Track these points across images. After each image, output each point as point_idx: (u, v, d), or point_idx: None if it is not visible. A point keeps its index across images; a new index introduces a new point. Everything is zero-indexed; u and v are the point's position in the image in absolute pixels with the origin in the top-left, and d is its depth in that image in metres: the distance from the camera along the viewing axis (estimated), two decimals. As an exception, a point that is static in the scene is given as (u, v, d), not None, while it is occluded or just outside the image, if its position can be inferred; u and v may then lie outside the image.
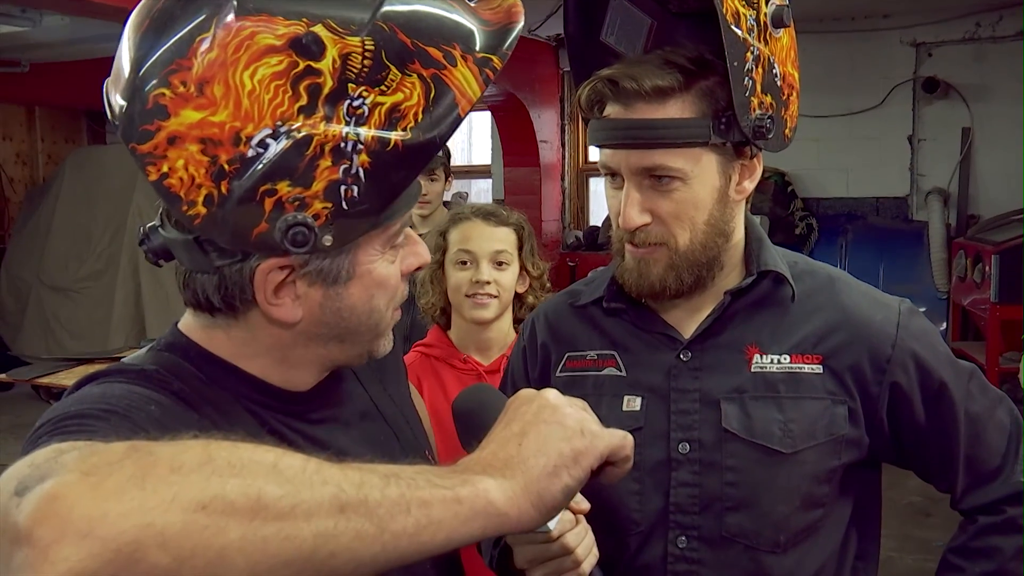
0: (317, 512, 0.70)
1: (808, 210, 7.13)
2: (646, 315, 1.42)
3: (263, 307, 0.93)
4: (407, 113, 0.87)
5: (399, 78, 0.86)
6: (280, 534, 0.68)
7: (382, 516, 0.72)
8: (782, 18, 1.31)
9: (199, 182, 0.84)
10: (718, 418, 1.35)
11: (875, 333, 1.36)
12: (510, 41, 0.92)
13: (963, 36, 6.69)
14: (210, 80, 0.83)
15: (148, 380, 0.93)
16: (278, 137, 0.83)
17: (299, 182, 0.85)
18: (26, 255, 8.56)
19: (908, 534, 4.67)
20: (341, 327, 0.97)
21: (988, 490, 1.39)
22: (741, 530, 1.33)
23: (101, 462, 0.67)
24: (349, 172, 0.86)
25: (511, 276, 2.26)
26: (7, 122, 9.25)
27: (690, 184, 1.29)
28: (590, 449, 0.85)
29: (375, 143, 0.86)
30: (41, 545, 0.63)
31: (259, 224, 0.85)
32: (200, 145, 0.83)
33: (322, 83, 0.84)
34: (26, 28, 5.85)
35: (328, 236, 0.87)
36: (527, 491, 0.79)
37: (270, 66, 0.83)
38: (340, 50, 0.84)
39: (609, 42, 1.41)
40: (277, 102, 0.83)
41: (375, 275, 0.96)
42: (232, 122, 0.83)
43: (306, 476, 0.71)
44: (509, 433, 0.84)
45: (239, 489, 0.68)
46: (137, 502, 0.65)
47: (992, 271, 5.61)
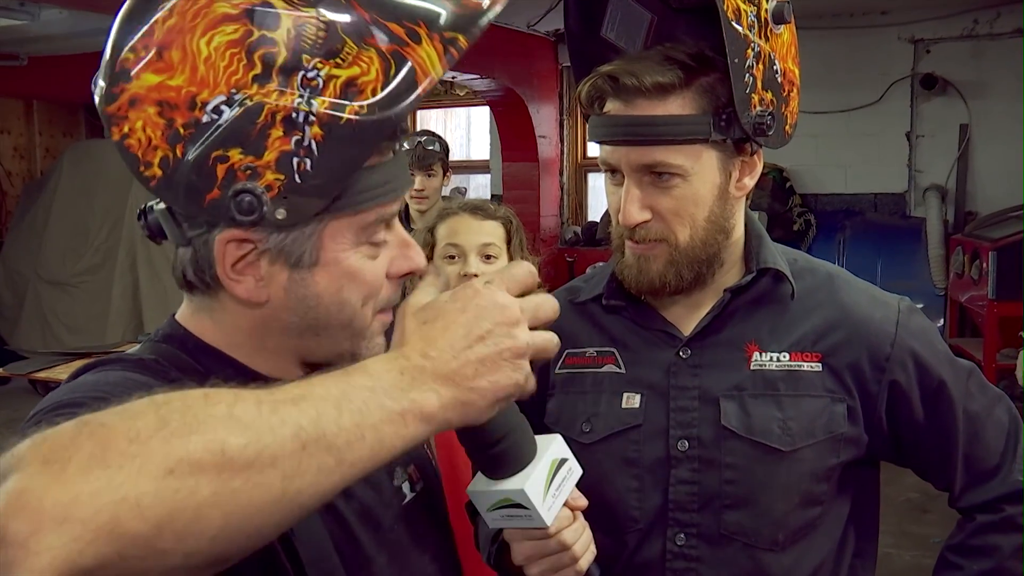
0: (280, 454, 0.71)
1: (806, 206, 7.14)
2: (645, 312, 1.42)
3: (224, 281, 0.93)
4: (364, 88, 0.86)
5: (356, 51, 0.86)
6: (249, 482, 0.69)
7: (340, 447, 0.74)
8: (783, 14, 1.31)
9: (155, 144, 0.85)
10: (717, 416, 1.35)
11: (874, 331, 1.36)
12: (481, 23, 0.90)
13: (961, 33, 6.69)
14: (168, 45, 0.84)
15: (145, 369, 0.94)
16: (232, 104, 0.84)
17: (250, 150, 0.85)
18: (24, 249, 8.55)
19: (906, 530, 4.68)
20: (310, 316, 0.96)
21: (987, 488, 1.39)
22: (740, 528, 1.33)
23: (56, 446, 0.67)
24: (301, 144, 0.85)
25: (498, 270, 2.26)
26: (5, 116, 9.24)
27: (690, 181, 1.29)
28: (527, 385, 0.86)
29: (328, 116, 0.85)
30: (19, 540, 0.63)
31: (212, 190, 0.86)
32: (157, 108, 0.84)
33: (276, 53, 0.84)
34: (24, 21, 5.85)
35: (281, 209, 0.87)
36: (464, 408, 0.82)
37: (226, 34, 0.84)
38: (295, 21, 0.85)
39: (609, 37, 1.40)
40: (232, 69, 0.84)
41: (343, 266, 0.95)
42: (188, 87, 0.84)
43: (263, 419, 0.72)
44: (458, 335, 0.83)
45: (201, 445, 0.68)
46: (104, 479, 0.65)
47: (990, 267, 5.62)
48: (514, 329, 0.85)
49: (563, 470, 1.00)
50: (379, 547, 1.05)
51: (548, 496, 0.98)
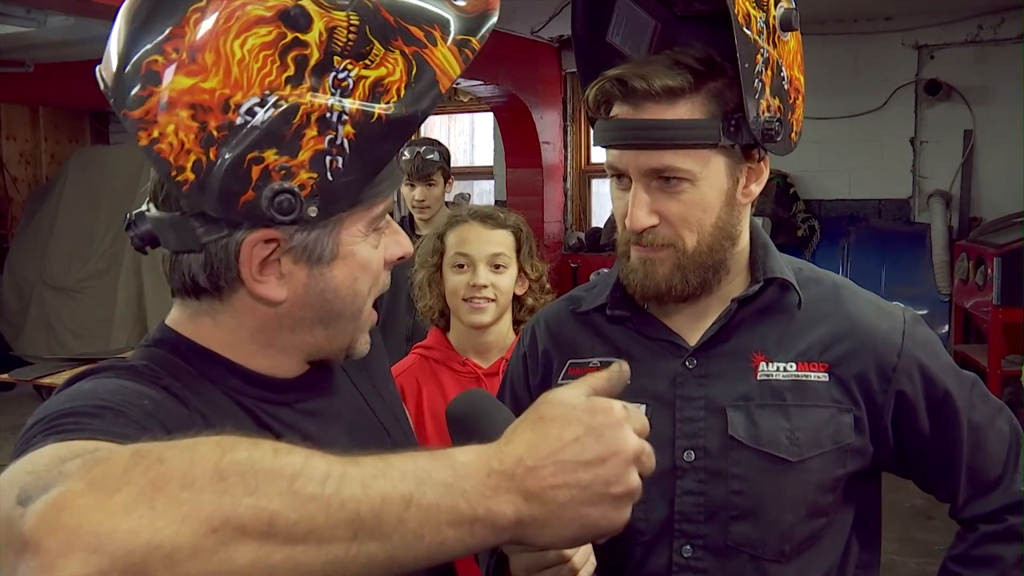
0: (330, 538, 0.68)
1: (810, 212, 7.13)
2: (650, 322, 1.41)
3: (248, 283, 0.94)
4: (390, 88, 0.89)
5: (382, 53, 0.89)
6: (290, 561, 0.67)
7: (396, 544, 0.70)
8: (791, 21, 1.31)
9: (188, 147, 0.85)
10: (724, 426, 1.34)
11: (881, 342, 1.35)
12: (488, 26, 0.95)
13: (965, 38, 6.68)
14: (202, 48, 0.84)
15: (138, 375, 0.93)
16: (266, 106, 0.85)
17: (286, 151, 0.86)
18: (29, 254, 8.57)
19: (910, 537, 4.67)
20: (325, 309, 0.98)
21: (989, 499, 1.39)
22: (747, 539, 1.32)
23: (107, 472, 0.66)
24: (334, 143, 0.88)
25: (509, 279, 2.24)
26: (11, 122, 9.26)
27: (698, 186, 1.28)
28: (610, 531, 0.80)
29: (359, 115, 0.88)
30: (49, 557, 0.62)
31: (246, 192, 0.87)
32: (190, 111, 0.85)
33: (309, 55, 0.86)
34: (31, 28, 5.86)
35: (313, 207, 0.88)
36: (540, 535, 0.76)
37: (259, 36, 0.85)
38: (326, 23, 0.87)
39: (615, 43, 1.40)
40: (265, 71, 0.85)
41: (358, 257, 0.98)
42: (222, 89, 0.85)
43: (324, 497, 0.69)
44: (573, 471, 0.76)
45: (252, 512, 0.66)
46: (147, 520, 0.64)
47: (994, 274, 5.60)
48: (629, 468, 0.79)
49: None
50: None
51: None
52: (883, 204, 7.09)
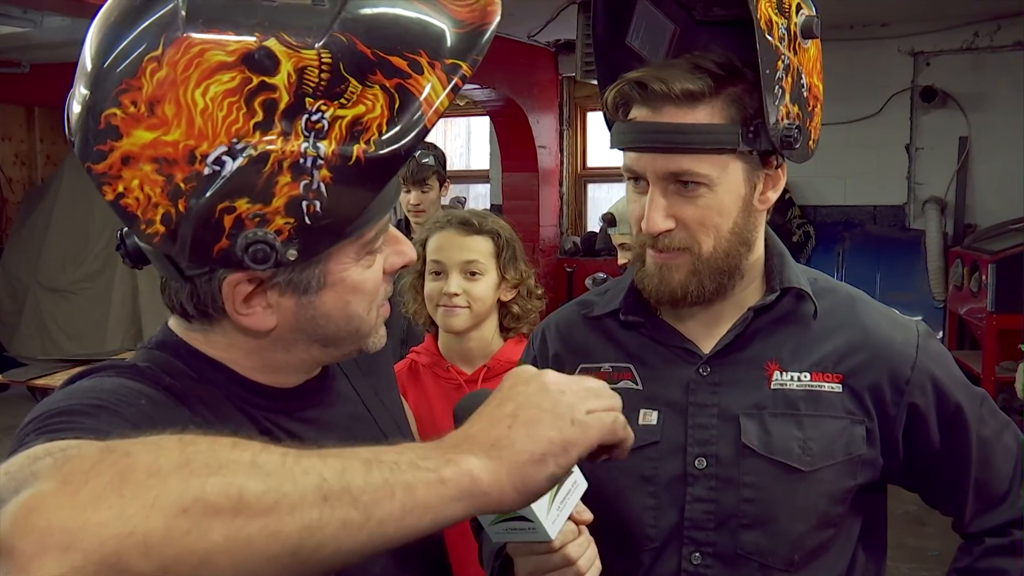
0: (300, 504, 0.69)
1: (805, 217, 7.14)
2: (664, 328, 1.40)
3: (233, 317, 0.92)
4: (370, 125, 0.85)
5: (360, 90, 0.84)
6: (264, 531, 0.67)
7: (367, 503, 0.71)
8: (811, 29, 1.30)
9: (155, 201, 0.83)
10: (736, 434, 1.33)
11: (896, 354, 1.35)
12: (481, 44, 0.89)
13: (961, 45, 6.70)
14: (160, 99, 0.81)
15: (140, 375, 0.93)
16: (235, 155, 0.82)
17: (258, 199, 0.83)
18: (24, 255, 8.55)
19: (903, 543, 4.67)
20: (319, 333, 0.96)
21: (996, 514, 1.39)
22: (757, 548, 1.32)
23: (76, 468, 0.66)
24: (310, 188, 0.84)
25: (485, 286, 2.21)
26: (6, 122, 9.24)
27: (716, 191, 1.27)
28: (581, 439, 0.84)
29: (336, 158, 0.84)
30: (22, 560, 0.62)
31: (220, 240, 0.84)
32: (154, 164, 0.81)
33: (277, 98, 0.82)
34: (27, 29, 5.85)
35: (292, 250, 0.85)
36: (511, 475, 0.79)
37: (222, 83, 0.81)
38: (295, 64, 0.82)
39: (634, 45, 1.39)
40: (231, 119, 0.81)
41: (348, 282, 0.95)
42: (186, 140, 0.81)
43: (286, 469, 0.70)
44: (501, 413, 0.83)
45: (219, 488, 0.66)
46: (116, 510, 0.63)
47: (989, 280, 5.61)
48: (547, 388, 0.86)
49: (568, 483, 0.99)
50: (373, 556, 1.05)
51: (552, 509, 0.97)
52: (878, 210, 7.10)
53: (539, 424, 0.82)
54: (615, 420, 0.88)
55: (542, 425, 0.82)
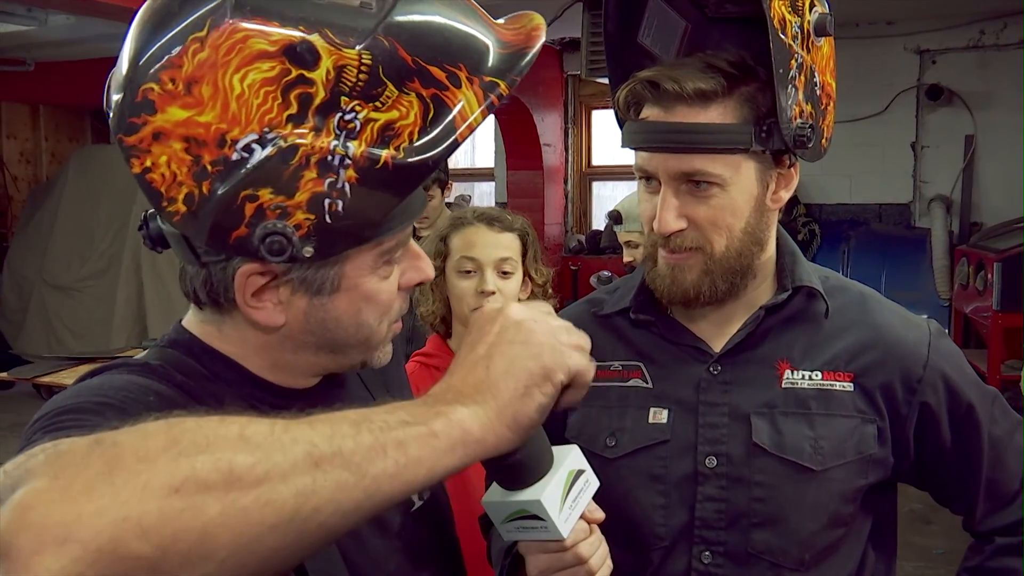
0: (292, 471, 0.69)
1: (811, 216, 7.13)
2: (674, 327, 1.40)
3: (243, 309, 0.92)
4: (402, 132, 0.84)
5: (396, 95, 0.84)
6: (259, 500, 0.67)
7: (359, 463, 0.71)
8: (825, 26, 1.29)
9: (180, 180, 0.83)
10: (747, 433, 1.32)
11: (908, 353, 1.35)
12: (522, 66, 0.89)
13: (967, 44, 6.69)
14: (199, 80, 0.81)
15: (151, 372, 0.93)
16: (264, 144, 0.82)
17: (282, 191, 0.83)
18: (29, 253, 8.57)
19: (908, 541, 4.67)
20: (327, 338, 0.96)
21: (1006, 513, 1.38)
22: (767, 547, 1.31)
23: (67, 463, 0.66)
24: (335, 186, 0.84)
25: (515, 285, 2.16)
26: (12, 120, 9.26)
27: (728, 191, 1.26)
28: (559, 364, 0.84)
29: (364, 160, 0.84)
30: (22, 558, 0.62)
31: (238, 228, 0.84)
32: (184, 143, 0.82)
33: (314, 93, 0.82)
34: (32, 27, 5.86)
35: (309, 247, 0.85)
36: (501, 415, 0.79)
37: (261, 71, 0.81)
38: (335, 62, 0.82)
39: (645, 43, 1.38)
40: (266, 108, 0.82)
41: (363, 290, 0.94)
42: (218, 124, 0.82)
43: (275, 438, 0.70)
44: (475, 356, 0.83)
45: (209, 464, 0.66)
46: (108, 498, 0.64)
47: (994, 279, 5.60)
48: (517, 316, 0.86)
49: (580, 482, 0.99)
50: (387, 554, 1.05)
51: (565, 508, 0.97)
52: (884, 208, 7.09)
53: (516, 359, 0.82)
54: (589, 362, 0.88)
55: (519, 359, 0.82)
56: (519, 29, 0.92)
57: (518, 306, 0.88)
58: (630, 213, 3.46)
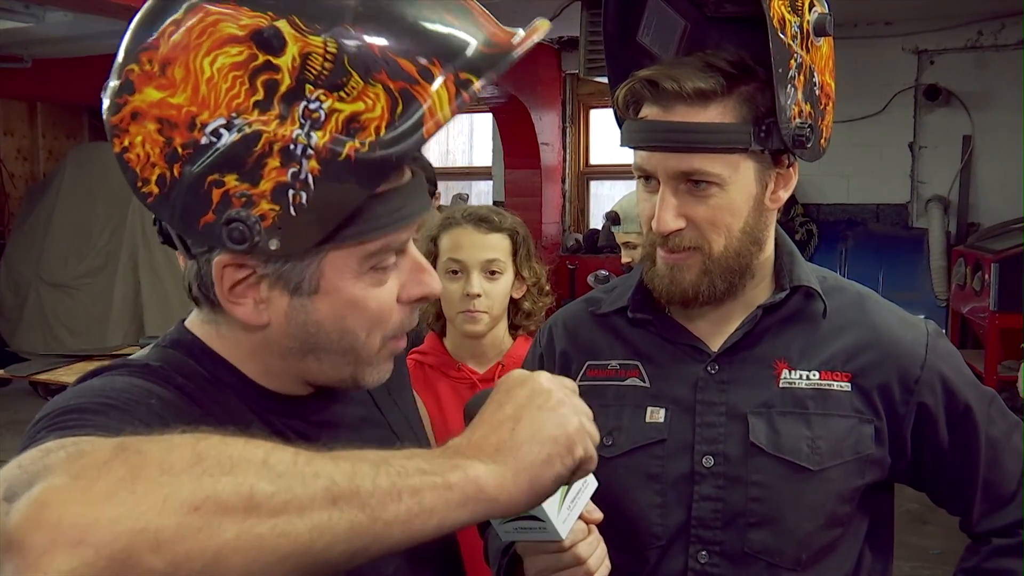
0: (310, 506, 0.69)
1: (808, 216, 7.14)
2: (672, 326, 1.40)
3: (223, 303, 0.91)
4: (367, 125, 0.83)
5: (361, 86, 0.82)
6: (275, 530, 0.67)
7: (374, 506, 0.71)
8: (824, 26, 1.29)
9: (153, 161, 0.83)
10: (744, 432, 1.32)
11: (905, 353, 1.35)
12: (500, 66, 0.87)
13: (965, 44, 6.69)
14: (172, 62, 0.82)
15: (152, 374, 0.93)
16: (231, 129, 0.82)
17: (246, 178, 0.83)
18: (26, 251, 8.55)
19: (905, 541, 4.66)
20: (310, 342, 0.94)
21: (1004, 514, 1.38)
22: (764, 547, 1.31)
23: (89, 464, 0.66)
24: (298, 177, 0.82)
25: (503, 285, 2.15)
26: (9, 117, 9.24)
27: (727, 190, 1.26)
28: (582, 440, 0.84)
29: (326, 151, 0.82)
30: (33, 555, 0.62)
31: (206, 213, 0.84)
32: (158, 124, 0.83)
33: (279, 80, 0.82)
34: (30, 24, 5.85)
35: (275, 240, 0.84)
36: (517, 477, 0.79)
37: (230, 56, 0.82)
38: (301, 48, 0.82)
39: (644, 43, 1.38)
40: (234, 93, 0.82)
41: (345, 294, 0.92)
42: (189, 106, 0.82)
43: (297, 470, 0.70)
44: (502, 416, 0.83)
45: (231, 488, 0.66)
46: (128, 506, 0.63)
47: (991, 279, 5.61)
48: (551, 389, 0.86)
49: (578, 482, 0.99)
50: (386, 556, 1.05)
51: (563, 508, 0.97)
52: (881, 209, 7.10)
53: (543, 426, 0.82)
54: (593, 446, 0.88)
55: (546, 426, 0.82)
56: (512, 31, 0.91)
57: (548, 376, 0.88)
58: (628, 214, 3.45)
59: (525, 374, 0.88)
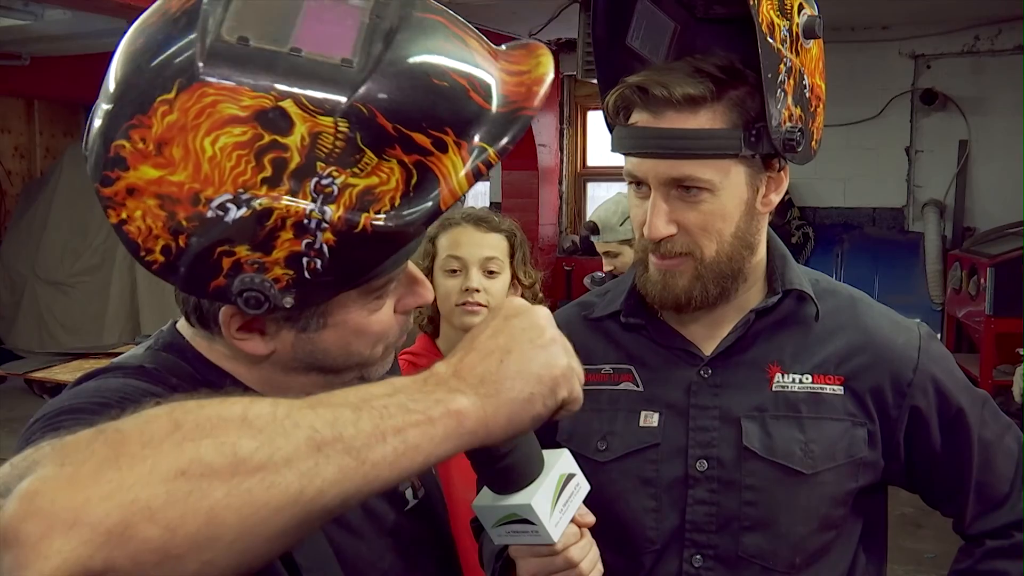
0: (295, 456, 0.69)
1: (805, 219, 7.15)
2: (665, 330, 1.40)
3: (229, 341, 0.92)
4: (382, 197, 0.82)
5: (375, 162, 0.81)
6: (263, 483, 0.68)
7: (359, 448, 0.71)
8: (814, 29, 1.29)
9: (156, 233, 0.82)
10: (738, 436, 1.33)
11: (897, 356, 1.35)
12: (515, 131, 0.86)
13: (962, 49, 6.71)
14: (169, 142, 0.80)
15: (147, 376, 0.93)
16: (239, 204, 0.80)
17: (259, 248, 0.82)
18: (22, 248, 8.55)
19: (899, 545, 4.68)
20: (317, 364, 0.95)
21: (997, 516, 1.38)
22: (759, 550, 1.31)
23: (72, 450, 0.67)
24: (312, 246, 0.82)
25: (502, 285, 2.16)
26: (6, 115, 9.23)
27: (718, 195, 1.26)
28: (567, 382, 0.84)
29: (342, 223, 0.81)
30: (30, 542, 0.62)
31: (217, 278, 0.83)
32: (158, 200, 0.81)
33: (288, 158, 0.80)
34: (28, 22, 5.85)
35: (289, 298, 0.84)
36: (498, 412, 0.79)
37: (233, 135, 0.80)
38: (309, 128, 0.80)
39: (634, 46, 1.37)
40: (239, 170, 0.80)
41: (351, 325, 0.93)
42: (191, 183, 0.80)
43: (277, 422, 0.70)
44: (493, 345, 0.81)
45: (213, 449, 0.67)
46: (115, 482, 0.64)
47: (987, 283, 5.62)
48: (542, 322, 0.85)
49: (570, 486, 0.99)
50: (382, 553, 1.05)
51: (555, 512, 0.97)
52: (877, 212, 7.11)
53: (531, 362, 0.81)
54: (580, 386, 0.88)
55: (534, 363, 0.81)
56: (523, 78, 0.89)
57: (546, 312, 0.87)
58: (607, 223, 3.43)
59: (524, 305, 0.87)
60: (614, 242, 3.43)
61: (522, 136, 0.87)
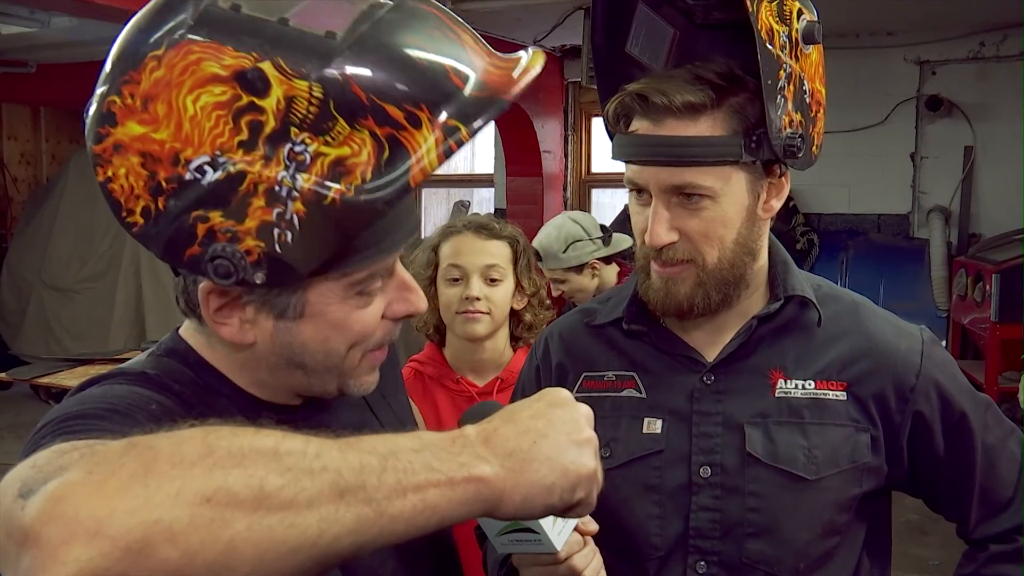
0: (318, 499, 0.70)
1: (809, 225, 7.13)
2: (667, 337, 1.40)
3: (209, 324, 0.93)
4: (353, 169, 0.83)
5: (347, 131, 0.82)
6: (284, 522, 0.68)
7: (380, 501, 0.72)
8: (813, 34, 1.29)
9: (138, 193, 0.84)
10: (741, 442, 1.33)
11: (900, 362, 1.35)
12: (488, 114, 0.86)
13: (967, 55, 6.70)
14: (154, 98, 0.82)
15: (149, 382, 0.94)
16: (216, 167, 0.82)
17: (232, 215, 0.83)
18: (28, 255, 8.57)
19: (905, 552, 4.66)
20: (296, 360, 0.96)
21: (1000, 520, 1.39)
22: (763, 556, 1.32)
23: (102, 460, 0.67)
24: (283, 217, 0.83)
25: (504, 292, 2.16)
26: (12, 122, 9.26)
27: (719, 202, 1.27)
28: (588, 484, 0.85)
29: (311, 194, 0.82)
30: (50, 546, 0.63)
31: (192, 246, 0.84)
32: (141, 158, 0.82)
33: (264, 121, 0.81)
34: (34, 29, 5.87)
35: (260, 274, 0.84)
36: (516, 489, 0.79)
37: (213, 95, 0.81)
38: (285, 92, 0.81)
39: (633, 53, 1.38)
40: (217, 131, 0.81)
41: (330, 318, 0.93)
42: (172, 142, 0.82)
43: (306, 462, 0.71)
44: (531, 425, 0.83)
45: (241, 480, 0.68)
46: (142, 499, 0.65)
47: (993, 290, 5.60)
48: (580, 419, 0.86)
49: None
50: (383, 559, 1.05)
51: (559, 521, 0.97)
52: (882, 219, 7.10)
53: (562, 454, 0.82)
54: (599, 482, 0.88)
55: (565, 456, 0.82)
56: (505, 71, 0.89)
57: (587, 410, 0.88)
58: (547, 251, 3.41)
59: (569, 398, 0.88)
60: (559, 269, 3.41)
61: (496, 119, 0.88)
